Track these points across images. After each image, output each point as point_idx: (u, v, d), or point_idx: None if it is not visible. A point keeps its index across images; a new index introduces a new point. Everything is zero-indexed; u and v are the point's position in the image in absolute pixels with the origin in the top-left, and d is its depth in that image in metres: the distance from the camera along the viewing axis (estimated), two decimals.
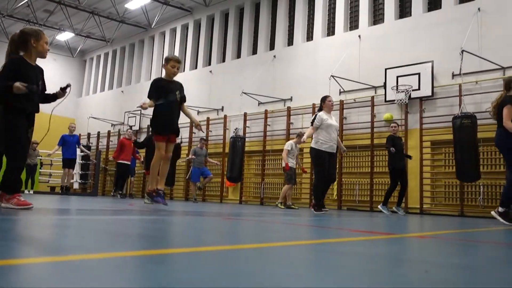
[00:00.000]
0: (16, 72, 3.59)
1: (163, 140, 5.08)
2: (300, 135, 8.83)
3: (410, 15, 10.35)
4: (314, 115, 6.63)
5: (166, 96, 5.02)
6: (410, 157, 8.31)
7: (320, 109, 6.63)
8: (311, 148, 6.43)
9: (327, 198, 8.44)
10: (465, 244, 2.55)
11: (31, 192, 12.03)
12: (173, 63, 5.12)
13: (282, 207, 8.89)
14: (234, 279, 1.07)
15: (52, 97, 4.01)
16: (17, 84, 3.47)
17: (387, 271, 1.37)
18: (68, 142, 10.44)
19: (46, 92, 3.99)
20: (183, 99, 5.29)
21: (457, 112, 8.46)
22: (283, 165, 9.36)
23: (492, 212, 5.30)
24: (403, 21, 10.40)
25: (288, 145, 9.06)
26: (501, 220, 5.06)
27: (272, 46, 13.16)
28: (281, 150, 11.68)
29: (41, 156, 13.88)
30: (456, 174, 8.28)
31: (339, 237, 2.64)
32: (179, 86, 5.25)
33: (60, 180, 12.50)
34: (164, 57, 5.36)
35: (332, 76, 10.37)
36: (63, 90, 4.00)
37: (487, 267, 1.63)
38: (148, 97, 5.07)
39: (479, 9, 9.04)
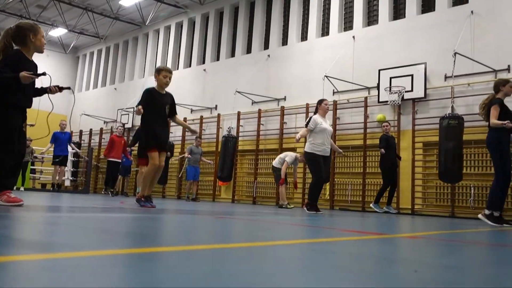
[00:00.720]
0: (15, 65, 3.57)
1: (154, 151, 5.05)
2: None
3: (404, 16, 10.40)
4: (309, 118, 6.64)
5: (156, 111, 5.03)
6: (399, 158, 8.42)
7: (316, 112, 6.64)
8: (305, 153, 6.45)
9: (319, 197, 8.47)
10: (455, 245, 2.58)
11: (22, 189, 11.94)
12: (164, 73, 5.07)
13: (290, 206, 8.97)
14: (225, 278, 1.07)
15: (42, 92, 3.95)
16: (23, 73, 3.44)
17: (378, 271, 1.38)
18: (60, 139, 10.35)
19: (35, 87, 3.95)
20: (173, 112, 5.25)
21: (450, 113, 8.51)
22: (275, 163, 9.37)
23: (480, 215, 5.35)
24: (397, 22, 10.45)
25: (290, 157, 9.02)
26: (489, 222, 5.11)
27: (266, 46, 13.17)
28: (274, 150, 11.74)
29: (36, 153, 13.76)
30: (438, 174, 8.32)
31: (331, 237, 2.65)
32: (170, 99, 5.20)
33: (51, 177, 12.42)
34: (155, 67, 5.33)
35: (326, 77, 10.40)
36: (60, 89, 3.91)
37: (475, 267, 1.65)
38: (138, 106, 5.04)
39: (472, 11, 9.11)
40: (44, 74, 3.66)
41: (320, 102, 6.66)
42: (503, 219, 5.27)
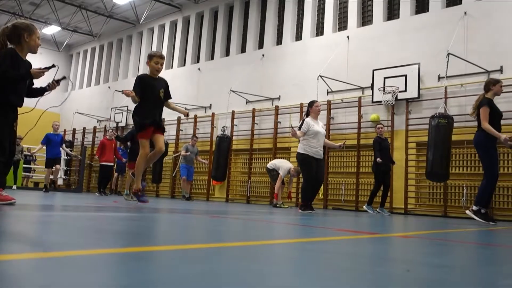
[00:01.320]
0: (13, 64, 3.58)
1: (146, 137, 4.98)
2: (299, 172, 9.00)
3: (398, 17, 10.45)
4: (301, 121, 6.65)
5: (149, 94, 4.97)
6: (393, 162, 8.44)
7: (307, 114, 6.65)
8: (298, 153, 6.48)
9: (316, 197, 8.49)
10: (447, 244, 2.59)
11: (14, 187, 11.86)
12: (156, 59, 5.04)
13: (285, 206, 8.99)
14: (219, 278, 1.07)
15: (40, 92, 3.95)
16: (34, 70, 3.49)
17: (371, 270, 1.38)
18: (52, 141, 10.26)
19: (33, 87, 3.95)
20: (167, 96, 5.21)
21: (440, 112, 8.56)
22: (269, 165, 9.40)
23: (467, 211, 5.41)
24: (391, 23, 10.49)
25: (283, 170, 9.05)
26: (477, 218, 5.16)
27: (261, 45, 13.17)
28: (268, 149, 11.75)
29: (27, 152, 13.67)
30: (425, 172, 8.35)
31: (324, 236, 2.66)
32: (164, 84, 5.16)
33: (43, 176, 12.32)
34: (147, 54, 5.27)
35: (320, 76, 10.42)
36: (57, 82, 3.91)
37: (466, 266, 1.67)
38: None
39: (465, 13, 9.18)
40: (53, 66, 3.71)
41: (311, 104, 6.64)
42: (489, 217, 5.33)
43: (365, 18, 11.23)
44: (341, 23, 11.60)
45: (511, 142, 5.09)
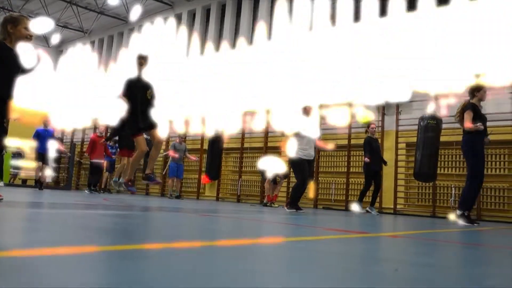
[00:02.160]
0: None
1: (141, 135, 4.95)
2: (286, 176, 9.23)
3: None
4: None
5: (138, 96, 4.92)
6: (385, 163, 8.45)
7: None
8: (291, 158, 6.54)
9: (303, 196, 8.50)
10: (435, 244, 2.62)
11: (2, 184, 11.71)
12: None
13: (275, 205, 9.03)
14: (208, 277, 1.07)
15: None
16: None
17: (360, 269, 1.39)
18: (42, 136, 10.20)
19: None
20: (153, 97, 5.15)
21: (430, 114, 8.62)
22: (263, 172, 9.48)
23: (453, 217, 5.48)
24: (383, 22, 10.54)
25: (271, 174, 9.17)
26: (461, 222, 5.23)
27: (253, 43, 13.15)
28: (259, 148, 11.74)
29: (17, 149, 13.53)
30: (413, 172, 8.42)
31: (314, 235, 2.67)
32: (150, 84, 5.11)
33: (32, 173, 12.19)
34: None
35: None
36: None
37: (453, 266, 1.68)
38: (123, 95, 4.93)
39: (455, 14, 9.25)
40: (18, 69, 3.73)
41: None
42: (471, 219, 5.42)
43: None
44: (333, 23, 11.62)
45: (476, 127, 5.12)
